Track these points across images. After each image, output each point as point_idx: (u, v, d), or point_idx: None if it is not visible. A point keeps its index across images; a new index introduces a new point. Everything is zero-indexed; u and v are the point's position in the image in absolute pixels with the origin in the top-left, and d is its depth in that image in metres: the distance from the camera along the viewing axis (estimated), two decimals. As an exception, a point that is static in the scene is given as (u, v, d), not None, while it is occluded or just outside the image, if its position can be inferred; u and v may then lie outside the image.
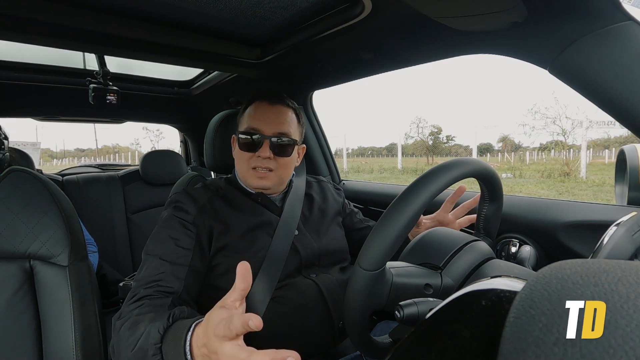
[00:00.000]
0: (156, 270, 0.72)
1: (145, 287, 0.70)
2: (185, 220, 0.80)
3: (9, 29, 0.86)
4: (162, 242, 0.77)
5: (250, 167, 0.85)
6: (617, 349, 0.17)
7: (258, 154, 0.84)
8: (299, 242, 0.86)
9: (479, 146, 26.16)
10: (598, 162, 16.95)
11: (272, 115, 0.86)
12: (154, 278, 0.71)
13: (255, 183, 0.86)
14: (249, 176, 0.87)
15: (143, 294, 0.69)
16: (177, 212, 0.81)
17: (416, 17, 0.76)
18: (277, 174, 0.87)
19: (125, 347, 0.60)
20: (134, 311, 0.65)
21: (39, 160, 3.79)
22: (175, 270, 0.73)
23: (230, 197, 0.88)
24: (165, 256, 0.74)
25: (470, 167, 0.54)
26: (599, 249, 0.49)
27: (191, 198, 0.84)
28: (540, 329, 0.19)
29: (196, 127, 2.21)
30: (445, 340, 0.31)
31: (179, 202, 0.83)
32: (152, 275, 0.72)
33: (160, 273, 0.72)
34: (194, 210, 0.82)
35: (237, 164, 0.90)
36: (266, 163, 0.84)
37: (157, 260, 0.74)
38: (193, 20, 0.96)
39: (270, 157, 0.84)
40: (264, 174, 0.85)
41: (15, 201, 0.74)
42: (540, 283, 0.22)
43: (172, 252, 0.75)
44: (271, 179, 0.86)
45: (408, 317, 0.45)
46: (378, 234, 0.47)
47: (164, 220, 0.81)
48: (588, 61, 0.61)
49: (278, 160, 0.86)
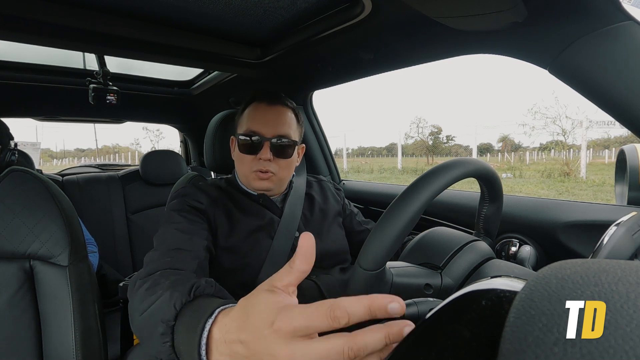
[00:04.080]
0: (178, 238, 0.70)
1: (160, 256, 0.66)
2: (197, 208, 0.80)
3: (9, 29, 0.86)
4: (176, 221, 0.75)
5: (252, 170, 0.85)
6: (617, 349, 0.17)
7: (259, 157, 0.84)
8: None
9: (479, 146, 26.20)
10: (598, 162, 16.95)
11: (271, 116, 0.85)
12: (170, 247, 0.68)
13: (257, 185, 0.86)
14: (250, 178, 0.86)
15: (156, 267, 0.62)
16: (188, 200, 0.80)
17: (416, 17, 0.76)
18: (278, 175, 0.87)
19: (137, 310, 0.52)
20: (156, 273, 0.59)
21: (39, 161, 3.78)
22: (196, 240, 0.72)
23: (234, 197, 0.88)
24: (185, 230, 0.73)
25: (470, 167, 0.54)
26: (599, 249, 0.49)
27: (201, 190, 0.84)
28: (540, 329, 0.19)
29: (196, 127, 2.21)
30: (445, 340, 0.31)
31: (188, 193, 0.83)
32: (173, 243, 0.69)
33: (182, 241, 0.69)
34: (206, 201, 0.82)
35: (238, 166, 0.90)
36: (267, 165, 0.84)
37: (176, 232, 0.71)
38: (193, 20, 0.96)
39: (270, 159, 0.84)
40: (266, 176, 0.85)
41: (15, 201, 0.74)
42: (540, 283, 0.22)
43: (188, 225, 0.74)
44: (273, 181, 0.86)
45: (408, 317, 0.45)
46: (378, 234, 0.47)
47: (173, 208, 0.79)
48: (588, 61, 0.61)
49: (278, 161, 0.86)
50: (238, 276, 0.79)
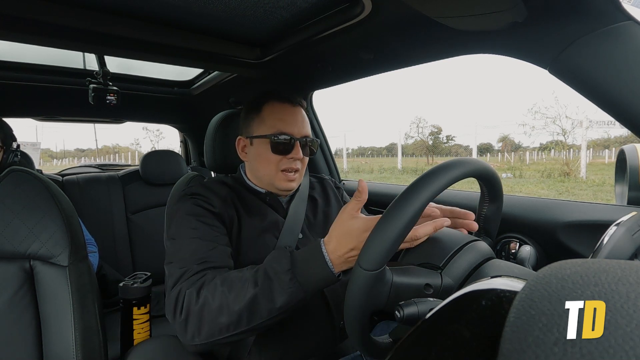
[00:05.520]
0: (202, 250, 0.70)
1: (197, 264, 0.67)
2: (211, 211, 0.78)
3: (9, 29, 0.86)
4: (194, 226, 0.74)
5: (280, 170, 0.84)
6: (617, 348, 0.17)
7: (291, 156, 0.84)
8: (304, 245, 0.86)
9: (479, 146, 26.19)
10: (598, 162, 16.95)
11: (298, 117, 0.86)
12: (203, 256, 0.69)
13: (284, 185, 0.86)
14: (277, 179, 0.85)
15: (197, 270, 0.66)
16: (201, 202, 0.79)
17: (416, 17, 0.76)
18: (301, 173, 0.88)
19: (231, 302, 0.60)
20: (204, 278, 0.64)
21: (39, 161, 3.78)
22: (222, 250, 0.72)
23: (240, 196, 0.88)
24: (204, 237, 0.72)
25: (470, 167, 0.54)
26: (599, 249, 0.49)
27: (211, 190, 0.83)
28: (540, 329, 0.19)
29: (196, 127, 2.21)
30: (445, 340, 0.31)
31: (198, 194, 0.81)
32: (199, 254, 0.69)
33: (208, 250, 0.70)
34: (218, 202, 0.80)
35: (262, 167, 0.86)
36: (297, 164, 0.85)
37: (198, 241, 0.71)
38: (193, 20, 0.96)
39: (302, 158, 0.85)
40: (293, 177, 0.86)
41: (15, 201, 0.74)
42: (540, 283, 0.22)
43: (209, 233, 0.73)
44: (297, 180, 0.88)
45: (408, 317, 0.45)
46: (378, 233, 0.47)
47: (186, 210, 0.77)
48: (588, 61, 0.61)
49: (304, 160, 0.87)
50: None
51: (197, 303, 0.61)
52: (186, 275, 0.66)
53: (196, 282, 0.65)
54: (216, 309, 0.60)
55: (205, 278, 0.65)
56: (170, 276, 0.68)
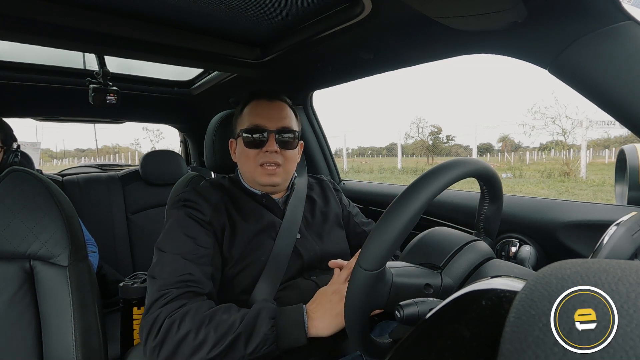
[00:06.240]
0: (183, 270, 0.70)
1: (176, 287, 0.68)
2: (201, 219, 0.79)
3: (9, 29, 0.86)
4: (180, 240, 0.75)
5: (258, 165, 0.85)
6: (617, 348, 0.17)
7: (265, 149, 0.84)
8: (302, 245, 0.86)
9: (479, 146, 26.19)
10: (598, 162, 16.95)
11: (273, 110, 0.86)
12: (182, 278, 0.69)
13: (265, 180, 0.86)
14: (257, 174, 0.86)
15: (176, 294, 0.67)
16: (191, 212, 0.79)
17: (416, 17, 0.76)
18: (285, 168, 0.87)
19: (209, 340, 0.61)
20: (182, 309, 0.65)
21: (39, 161, 3.78)
22: (203, 271, 0.72)
23: (236, 198, 0.88)
24: (187, 255, 0.72)
25: (470, 167, 0.54)
26: (599, 249, 0.49)
27: (203, 197, 0.83)
28: (540, 329, 0.19)
29: (196, 127, 2.21)
30: (445, 340, 0.31)
31: (190, 201, 0.81)
32: (178, 274, 0.70)
33: (187, 273, 0.70)
34: (209, 210, 0.80)
35: (243, 164, 0.89)
36: (274, 157, 0.84)
37: (180, 260, 0.72)
38: (193, 20, 0.96)
39: (277, 151, 0.84)
40: (273, 170, 0.85)
41: (15, 201, 0.74)
42: (540, 283, 0.22)
43: (192, 251, 0.74)
44: (280, 175, 0.87)
45: (408, 317, 0.45)
46: (378, 234, 0.47)
47: (176, 220, 0.78)
48: (588, 61, 0.61)
49: (284, 153, 0.86)
50: (242, 278, 0.80)
51: (177, 334, 0.62)
52: (165, 299, 0.67)
53: (178, 309, 0.65)
54: (197, 346, 0.61)
55: (189, 307, 0.65)
56: (149, 296, 0.70)
